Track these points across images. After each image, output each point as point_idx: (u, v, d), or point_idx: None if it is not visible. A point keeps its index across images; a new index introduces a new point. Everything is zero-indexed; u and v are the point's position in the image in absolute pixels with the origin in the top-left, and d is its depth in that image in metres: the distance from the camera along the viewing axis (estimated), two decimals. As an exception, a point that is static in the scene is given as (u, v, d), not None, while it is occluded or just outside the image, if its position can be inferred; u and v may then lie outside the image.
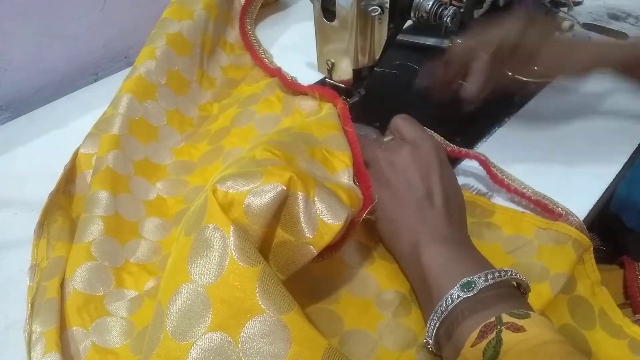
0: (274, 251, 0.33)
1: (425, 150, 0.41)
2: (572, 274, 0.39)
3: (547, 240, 0.41)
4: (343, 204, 0.34)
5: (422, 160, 0.40)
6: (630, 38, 0.54)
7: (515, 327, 0.29)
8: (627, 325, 0.38)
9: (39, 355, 0.33)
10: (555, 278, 0.38)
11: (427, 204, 0.38)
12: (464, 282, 0.32)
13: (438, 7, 0.44)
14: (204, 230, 0.30)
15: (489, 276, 0.32)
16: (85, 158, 0.47)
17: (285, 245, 0.33)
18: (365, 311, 0.37)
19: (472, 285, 0.32)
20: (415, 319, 0.37)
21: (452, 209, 0.39)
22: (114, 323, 0.37)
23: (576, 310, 0.38)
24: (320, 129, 0.41)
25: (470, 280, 0.32)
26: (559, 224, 0.41)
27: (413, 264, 0.37)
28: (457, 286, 0.32)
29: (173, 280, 0.30)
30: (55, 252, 0.40)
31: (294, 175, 0.32)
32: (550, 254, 0.40)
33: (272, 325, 0.28)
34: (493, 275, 0.32)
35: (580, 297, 0.39)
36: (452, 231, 0.37)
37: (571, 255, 0.39)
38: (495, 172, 0.46)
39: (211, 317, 0.28)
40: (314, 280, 0.39)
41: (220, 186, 0.31)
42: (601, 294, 0.39)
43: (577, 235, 0.40)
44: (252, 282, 0.28)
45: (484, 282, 0.32)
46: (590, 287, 0.39)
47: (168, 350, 0.28)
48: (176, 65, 0.55)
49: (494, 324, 0.30)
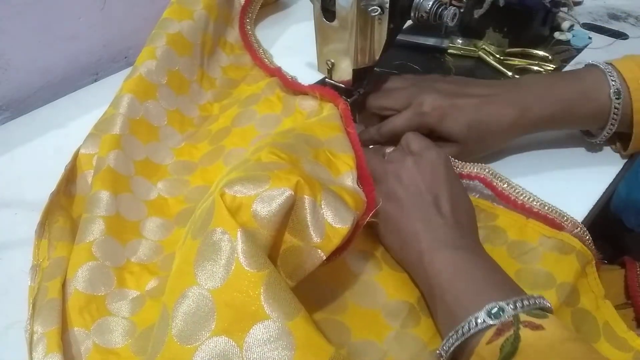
0: (282, 257, 0.33)
1: (430, 159, 0.41)
2: (575, 285, 0.38)
3: (551, 248, 0.40)
4: (349, 207, 0.34)
5: (427, 170, 0.40)
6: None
7: (533, 325, 0.29)
8: (632, 339, 0.37)
9: (41, 355, 0.33)
10: (560, 287, 0.38)
11: (434, 212, 0.38)
12: (492, 309, 0.31)
13: (438, 7, 0.44)
14: (212, 234, 0.30)
15: (518, 304, 0.31)
16: (86, 158, 0.47)
17: (293, 250, 0.33)
18: (373, 322, 0.37)
19: (501, 313, 0.31)
20: (424, 328, 0.36)
21: (460, 216, 0.39)
22: (115, 323, 0.37)
23: (580, 323, 0.38)
24: (323, 130, 0.41)
25: (500, 307, 0.31)
26: (564, 234, 0.41)
27: (423, 271, 0.36)
28: (484, 311, 0.31)
29: (179, 283, 0.30)
30: (56, 253, 0.40)
31: (301, 179, 0.32)
32: (555, 262, 0.39)
33: (276, 331, 0.28)
34: (522, 303, 0.31)
35: (584, 310, 0.38)
36: (462, 238, 0.37)
37: (575, 265, 0.39)
38: (501, 189, 0.44)
39: (216, 322, 0.28)
40: (320, 290, 0.38)
41: (228, 190, 0.31)
42: (605, 308, 0.39)
43: (581, 247, 0.40)
44: (257, 287, 0.28)
45: (513, 311, 0.31)
46: (595, 300, 0.39)
47: (172, 353, 0.28)
48: (177, 65, 0.55)
49: (511, 322, 0.29)
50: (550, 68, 0.64)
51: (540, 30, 0.68)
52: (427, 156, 0.41)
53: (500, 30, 0.67)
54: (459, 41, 0.68)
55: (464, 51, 0.67)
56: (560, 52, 0.67)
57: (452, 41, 0.68)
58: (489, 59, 0.65)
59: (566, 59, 0.66)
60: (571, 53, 0.67)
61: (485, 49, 0.66)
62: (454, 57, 0.67)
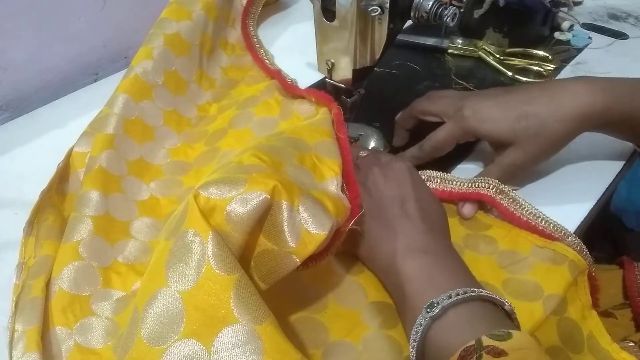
0: (256, 260, 0.33)
1: (396, 168, 0.41)
2: (565, 296, 0.38)
3: (543, 258, 0.40)
4: (328, 213, 0.33)
5: (393, 177, 0.41)
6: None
7: (495, 352, 0.28)
8: (615, 351, 0.37)
9: (20, 354, 0.33)
10: (548, 298, 0.37)
11: (400, 214, 0.38)
12: (429, 304, 0.32)
13: (438, 7, 0.44)
14: (184, 235, 0.30)
15: (453, 293, 0.32)
16: (79, 157, 0.47)
17: (268, 254, 0.32)
18: (352, 322, 0.37)
19: (434, 306, 0.31)
20: (401, 330, 0.36)
21: (428, 219, 0.39)
22: (97, 323, 0.36)
23: (565, 333, 0.37)
24: (312, 134, 0.41)
25: (435, 301, 0.32)
26: (557, 244, 0.40)
27: (391, 276, 0.37)
28: (423, 310, 0.32)
29: (150, 284, 0.30)
30: (43, 251, 0.40)
31: (279, 183, 0.32)
32: (545, 273, 0.39)
33: (245, 335, 0.27)
34: (458, 292, 0.32)
35: (570, 320, 0.38)
36: (430, 241, 0.37)
37: (566, 276, 0.38)
38: (506, 206, 0.42)
39: (185, 324, 0.28)
40: (302, 288, 0.39)
41: (202, 192, 0.31)
42: (591, 318, 0.39)
43: (575, 256, 0.39)
44: (227, 291, 0.28)
45: (447, 300, 0.31)
46: (581, 310, 0.39)
47: (141, 354, 0.28)
48: (173, 66, 0.55)
49: (473, 348, 0.28)
50: (550, 68, 0.64)
51: (540, 30, 0.68)
52: (393, 166, 0.42)
53: (500, 30, 0.67)
54: (459, 41, 0.68)
55: (464, 51, 0.67)
56: (560, 52, 0.67)
57: (452, 41, 0.68)
58: (489, 59, 0.65)
59: (566, 59, 0.66)
60: (571, 53, 0.67)
61: (485, 49, 0.66)
62: (454, 57, 0.67)
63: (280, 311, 0.35)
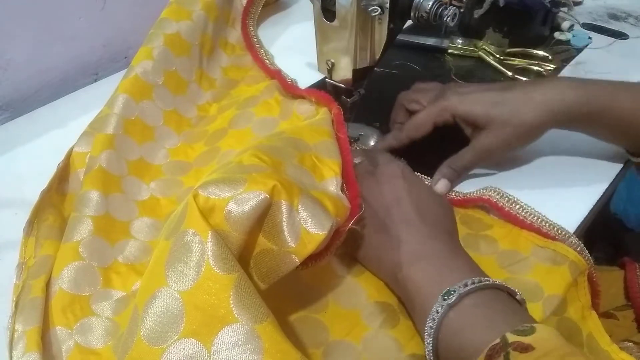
0: (255, 259, 0.33)
1: (388, 172, 0.42)
2: (565, 297, 0.38)
3: (543, 259, 0.40)
4: (328, 213, 0.33)
5: (386, 183, 0.41)
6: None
7: (522, 347, 0.28)
8: (614, 352, 0.37)
9: (20, 354, 0.33)
10: (548, 299, 0.37)
11: (399, 220, 0.38)
12: (444, 292, 0.32)
13: (438, 7, 0.44)
14: (183, 235, 0.30)
15: (469, 281, 0.32)
16: (79, 157, 0.47)
17: (267, 254, 0.33)
18: (352, 322, 0.37)
19: (451, 293, 0.31)
20: (402, 329, 0.36)
21: (429, 220, 0.39)
22: (97, 323, 0.36)
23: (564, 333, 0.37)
24: (312, 134, 0.41)
25: (450, 289, 0.32)
26: (558, 244, 0.40)
27: (400, 287, 0.37)
28: (440, 297, 0.32)
29: (150, 284, 0.30)
30: (43, 251, 0.40)
31: (278, 183, 0.32)
32: (545, 274, 0.39)
33: (244, 335, 0.27)
34: (473, 280, 0.32)
35: (569, 320, 0.38)
36: (434, 244, 0.37)
37: (567, 277, 0.39)
38: (509, 209, 0.43)
39: (185, 324, 0.28)
40: (303, 287, 0.39)
41: (202, 191, 0.31)
42: (590, 319, 0.39)
43: (575, 257, 0.39)
44: (227, 290, 0.28)
45: (464, 288, 0.31)
46: (581, 310, 0.39)
47: (141, 354, 0.28)
48: (173, 66, 0.55)
49: (499, 346, 0.28)
50: (550, 68, 0.64)
51: (540, 30, 0.68)
52: (385, 171, 0.42)
53: (500, 30, 0.67)
54: (459, 41, 0.68)
55: (464, 51, 0.67)
56: (560, 52, 0.67)
57: (452, 41, 0.68)
58: (489, 59, 0.65)
59: (566, 59, 0.66)
60: (571, 53, 0.67)
61: (485, 49, 0.66)
62: (454, 57, 0.67)
63: (281, 311, 0.35)
